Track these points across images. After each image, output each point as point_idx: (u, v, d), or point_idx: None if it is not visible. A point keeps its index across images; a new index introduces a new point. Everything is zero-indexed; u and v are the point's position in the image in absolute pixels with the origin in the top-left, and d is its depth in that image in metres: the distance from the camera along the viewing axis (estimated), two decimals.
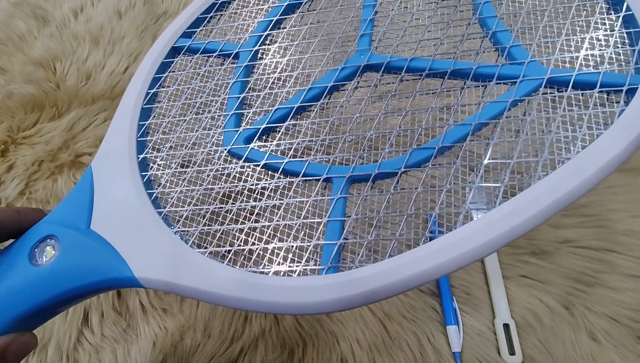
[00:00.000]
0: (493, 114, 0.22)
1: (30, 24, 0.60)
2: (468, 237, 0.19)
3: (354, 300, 0.19)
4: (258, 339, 0.35)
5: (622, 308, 0.34)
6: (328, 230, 0.21)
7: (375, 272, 0.19)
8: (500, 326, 0.34)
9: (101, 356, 0.36)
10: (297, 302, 0.19)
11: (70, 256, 0.23)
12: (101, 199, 0.25)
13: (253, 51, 0.29)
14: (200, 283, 0.21)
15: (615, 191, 0.39)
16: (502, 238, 0.18)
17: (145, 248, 0.23)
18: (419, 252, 0.19)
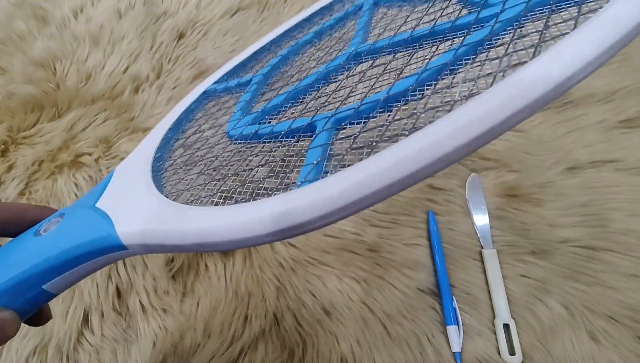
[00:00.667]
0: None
1: (31, 24, 0.60)
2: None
3: (332, 204, 0.17)
4: (258, 339, 0.35)
5: (621, 308, 0.34)
6: (308, 157, 0.21)
7: (359, 170, 0.17)
8: (500, 326, 0.34)
9: (101, 356, 0.35)
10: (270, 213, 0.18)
11: (68, 226, 0.23)
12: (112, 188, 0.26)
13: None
14: (185, 224, 0.20)
15: (614, 191, 0.39)
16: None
17: (134, 210, 0.23)
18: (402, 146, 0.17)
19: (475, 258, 0.38)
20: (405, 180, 0.16)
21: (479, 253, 0.38)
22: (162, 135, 0.31)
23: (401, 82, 0.21)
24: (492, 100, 0.15)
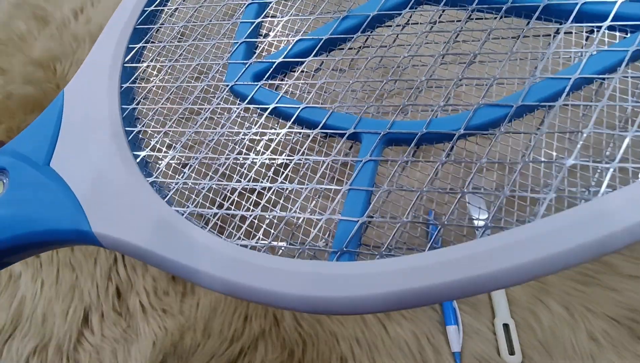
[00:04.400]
0: (602, 67, 0.16)
1: (31, 25, 0.61)
2: (552, 236, 0.13)
3: (371, 303, 0.14)
4: (258, 339, 0.35)
5: (621, 309, 0.34)
6: (348, 202, 0.16)
7: (408, 267, 0.14)
8: (500, 326, 0.34)
9: (101, 356, 0.36)
10: (293, 294, 0.14)
11: (19, 197, 0.19)
12: (68, 133, 0.21)
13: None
14: (172, 252, 0.16)
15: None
16: (604, 244, 0.13)
17: (111, 198, 0.18)
18: (475, 248, 0.13)
19: None
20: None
21: None
22: (128, 35, 0.23)
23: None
24: None
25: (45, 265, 0.39)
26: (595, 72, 0.16)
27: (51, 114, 0.21)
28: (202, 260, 0.16)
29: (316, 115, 0.18)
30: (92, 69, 0.23)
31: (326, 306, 0.14)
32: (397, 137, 0.17)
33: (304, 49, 0.20)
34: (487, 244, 0.13)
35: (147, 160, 0.20)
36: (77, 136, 0.21)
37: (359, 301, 0.14)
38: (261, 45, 0.22)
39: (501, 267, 0.13)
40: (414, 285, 0.13)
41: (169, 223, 0.17)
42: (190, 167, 0.19)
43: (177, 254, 0.16)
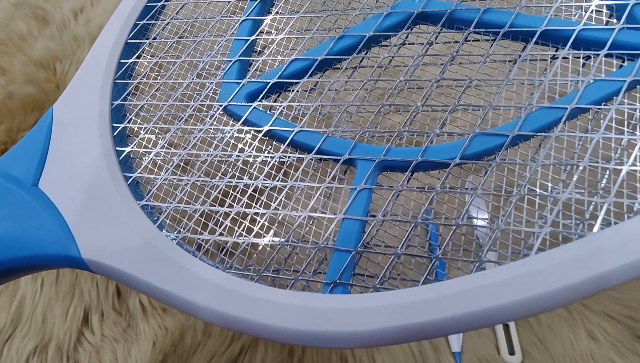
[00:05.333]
0: (599, 97, 0.16)
1: (31, 25, 0.61)
2: (547, 273, 0.13)
3: (366, 339, 0.14)
4: (258, 339, 0.35)
5: (620, 307, 0.34)
6: (342, 232, 0.16)
7: (404, 302, 0.14)
8: (500, 325, 0.34)
9: (101, 356, 0.36)
10: (285, 328, 0.14)
11: (4, 219, 0.18)
12: (57, 152, 0.20)
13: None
14: (163, 282, 0.16)
15: None
16: (598, 283, 0.13)
17: (101, 222, 0.18)
18: (469, 283, 0.13)
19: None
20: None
21: None
22: (119, 50, 0.23)
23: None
24: None
25: None
26: (592, 102, 0.16)
27: (40, 132, 0.21)
28: (191, 289, 0.15)
29: (310, 139, 0.18)
30: (82, 85, 0.22)
31: (317, 340, 0.14)
32: (392, 164, 0.17)
33: (299, 69, 0.20)
34: (481, 280, 0.13)
35: (139, 181, 0.20)
36: (67, 156, 0.20)
37: (351, 337, 0.14)
38: (255, 63, 0.21)
39: (494, 304, 0.13)
40: (406, 322, 0.13)
41: (159, 250, 0.17)
42: (182, 190, 0.19)
43: (167, 283, 0.16)
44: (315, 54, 0.20)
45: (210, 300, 0.15)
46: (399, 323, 0.13)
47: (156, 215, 0.18)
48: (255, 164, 0.19)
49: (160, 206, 0.18)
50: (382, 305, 0.14)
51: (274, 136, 0.19)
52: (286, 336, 0.14)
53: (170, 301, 0.16)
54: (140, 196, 0.19)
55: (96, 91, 0.22)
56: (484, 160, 0.16)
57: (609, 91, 0.16)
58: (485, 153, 0.16)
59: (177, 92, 0.21)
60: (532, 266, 0.13)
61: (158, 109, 0.21)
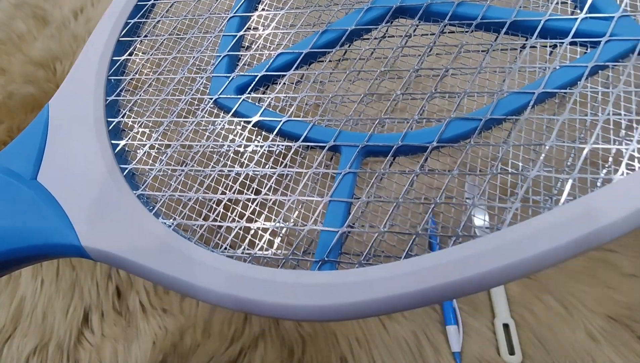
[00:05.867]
0: (564, 82, 0.17)
1: (30, 25, 0.61)
2: (517, 243, 0.14)
3: (351, 311, 0.15)
4: (258, 339, 0.35)
5: (620, 307, 0.34)
6: (329, 213, 0.17)
7: (387, 276, 0.15)
8: (500, 326, 0.34)
9: (101, 355, 0.36)
10: (277, 303, 0.15)
11: (6, 212, 0.19)
12: (54, 147, 0.21)
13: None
14: (161, 265, 0.17)
15: None
16: (563, 251, 0.14)
17: (99, 211, 0.19)
18: (447, 256, 0.14)
19: None
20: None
21: None
22: (111, 47, 0.23)
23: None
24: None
25: (46, 264, 0.39)
26: (558, 86, 0.17)
27: (37, 128, 0.21)
28: (189, 271, 0.16)
29: (297, 128, 0.19)
30: (76, 82, 0.23)
31: (308, 314, 0.15)
32: (375, 149, 0.18)
33: (285, 62, 0.21)
34: (457, 252, 0.14)
35: (134, 173, 0.20)
36: (64, 150, 0.21)
37: (339, 309, 0.14)
38: (244, 58, 0.22)
39: (468, 275, 0.14)
40: (389, 293, 0.14)
41: (156, 236, 0.18)
42: (176, 179, 0.20)
43: (164, 266, 0.17)
44: (300, 48, 0.21)
45: (208, 281, 0.16)
46: (382, 295, 0.14)
47: (152, 204, 0.19)
48: (246, 153, 0.20)
49: (155, 195, 0.19)
50: (367, 279, 0.15)
51: (263, 126, 0.20)
52: (279, 311, 0.15)
53: (169, 284, 0.17)
54: (136, 186, 0.20)
55: (90, 88, 0.22)
56: (459, 143, 0.17)
57: (573, 76, 0.17)
58: (460, 136, 0.17)
59: (169, 87, 0.22)
60: (503, 238, 0.14)
61: (151, 104, 0.22)
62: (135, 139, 0.21)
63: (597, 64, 0.17)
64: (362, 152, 0.18)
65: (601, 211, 0.14)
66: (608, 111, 0.16)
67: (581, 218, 0.14)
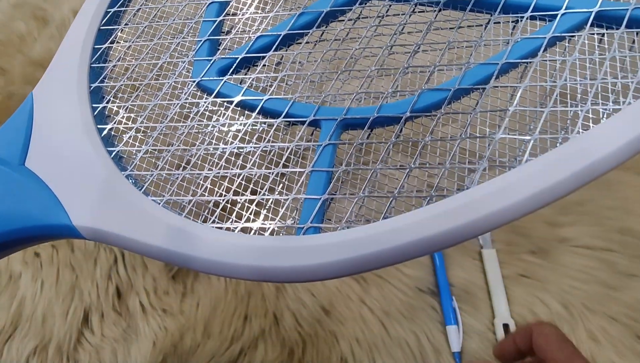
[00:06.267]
0: (525, 53, 0.18)
1: (30, 25, 0.60)
2: (484, 199, 0.15)
3: (337, 268, 0.16)
4: (258, 339, 0.35)
5: (620, 307, 0.34)
6: (311, 183, 0.18)
7: (366, 236, 0.16)
8: (500, 326, 0.34)
9: (101, 356, 0.36)
10: (267, 266, 0.16)
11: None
12: (41, 133, 0.21)
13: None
14: (153, 238, 0.18)
15: (613, 190, 0.39)
16: (526, 204, 0.15)
17: (89, 192, 0.19)
18: (421, 214, 0.15)
19: (475, 257, 0.37)
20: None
21: (478, 252, 0.37)
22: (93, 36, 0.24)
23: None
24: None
25: (46, 265, 0.39)
26: (519, 57, 0.18)
27: (22, 116, 0.22)
28: (183, 243, 0.17)
29: (279, 105, 0.20)
30: (60, 71, 0.23)
31: (295, 274, 0.16)
32: (353, 122, 0.19)
33: (265, 44, 0.22)
34: (430, 211, 0.15)
35: (121, 155, 0.21)
36: (50, 135, 0.21)
37: (323, 268, 0.15)
38: (224, 42, 0.23)
39: (441, 230, 0.15)
40: (368, 251, 0.15)
41: (147, 212, 0.18)
42: (163, 159, 0.20)
43: (157, 239, 0.17)
44: (278, 30, 0.22)
45: (203, 252, 0.17)
46: (362, 253, 0.15)
47: (141, 184, 0.20)
48: (230, 132, 0.20)
49: (144, 175, 0.20)
50: (347, 239, 0.16)
51: (246, 105, 0.21)
52: (267, 273, 0.16)
53: (158, 256, 0.17)
54: (124, 168, 0.20)
55: (73, 76, 0.23)
56: (431, 113, 0.18)
57: (533, 47, 0.18)
58: (432, 106, 0.18)
59: (152, 72, 0.22)
60: (471, 195, 0.15)
61: (135, 89, 0.22)
62: (121, 123, 0.22)
63: (554, 35, 0.18)
64: (341, 125, 0.19)
65: (559, 166, 0.15)
66: (565, 77, 0.17)
67: (540, 173, 0.15)
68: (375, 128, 0.19)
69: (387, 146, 0.18)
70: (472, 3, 0.20)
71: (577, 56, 0.18)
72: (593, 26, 0.18)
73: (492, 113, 0.18)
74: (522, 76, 0.18)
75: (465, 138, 0.17)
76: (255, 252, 0.16)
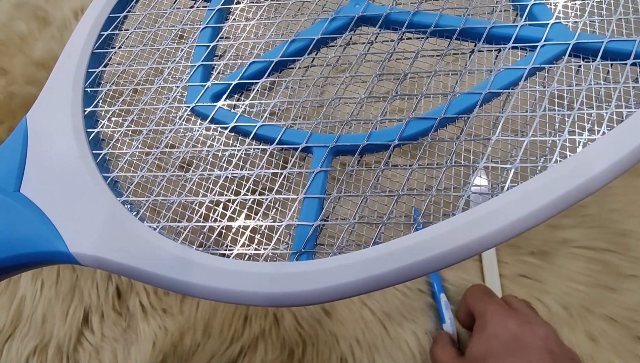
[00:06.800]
0: (507, 83, 0.19)
1: (31, 25, 0.60)
2: (469, 226, 0.16)
3: (329, 294, 0.16)
4: (258, 339, 0.36)
5: (620, 308, 0.35)
6: (304, 209, 0.18)
7: (357, 261, 0.16)
8: None
9: (101, 356, 0.36)
10: (261, 292, 0.16)
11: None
12: (35, 159, 0.21)
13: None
14: (149, 265, 0.18)
15: (613, 192, 0.39)
16: (507, 231, 0.16)
17: (85, 218, 0.19)
18: (410, 240, 0.16)
19: (475, 258, 0.38)
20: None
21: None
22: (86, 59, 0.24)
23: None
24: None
25: (46, 267, 0.39)
26: (502, 86, 0.19)
27: (16, 141, 0.22)
28: (179, 270, 0.17)
29: (272, 132, 0.20)
30: (53, 95, 0.23)
31: (289, 300, 0.16)
32: (343, 149, 0.19)
33: (258, 70, 0.22)
34: (418, 237, 0.16)
35: (117, 180, 0.21)
36: (45, 161, 0.21)
37: (316, 293, 0.16)
38: (217, 67, 0.23)
39: (429, 255, 0.16)
40: (360, 276, 0.16)
41: (143, 238, 0.19)
42: (158, 184, 0.21)
43: (153, 266, 0.18)
44: (271, 56, 0.22)
45: (199, 278, 0.17)
46: (353, 278, 0.16)
47: (136, 209, 0.20)
48: (224, 157, 0.21)
49: (139, 201, 0.20)
50: (339, 265, 0.16)
51: (239, 131, 0.21)
52: (263, 299, 0.17)
53: (156, 282, 0.18)
54: (119, 193, 0.21)
55: (67, 100, 0.23)
56: (418, 140, 0.19)
57: (514, 77, 0.19)
58: (419, 134, 0.19)
59: (147, 96, 0.23)
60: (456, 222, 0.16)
61: (129, 113, 0.23)
62: (116, 148, 0.22)
63: (534, 66, 0.19)
64: (332, 152, 0.19)
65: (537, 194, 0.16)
66: (544, 107, 0.18)
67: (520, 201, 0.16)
68: (365, 154, 0.19)
69: (377, 173, 0.18)
70: (458, 32, 0.20)
71: (556, 86, 0.18)
72: (571, 57, 0.19)
73: (476, 141, 0.18)
74: (504, 105, 0.19)
75: (450, 165, 0.18)
76: (251, 278, 0.17)
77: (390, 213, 0.17)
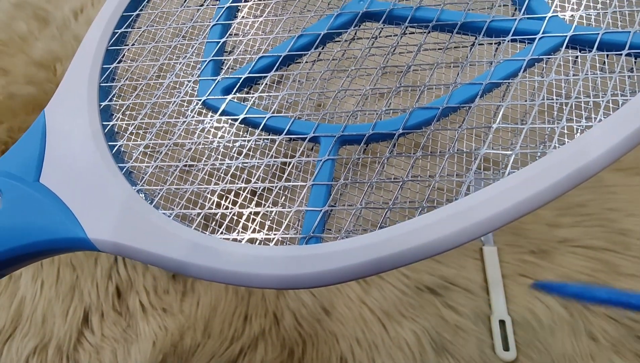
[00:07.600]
0: (506, 73, 0.20)
1: (31, 25, 0.60)
2: (471, 210, 0.16)
3: (337, 275, 0.17)
4: (258, 339, 0.36)
5: (621, 308, 0.35)
6: (312, 196, 0.19)
7: (364, 245, 0.17)
8: (496, 322, 0.35)
9: (101, 356, 0.37)
10: (272, 274, 0.17)
11: (14, 212, 0.20)
12: (54, 150, 0.22)
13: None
14: (164, 250, 0.19)
15: (612, 191, 0.39)
16: (507, 214, 0.16)
17: (102, 206, 0.20)
18: (414, 224, 0.17)
19: (476, 257, 0.38)
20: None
21: (478, 250, 0.38)
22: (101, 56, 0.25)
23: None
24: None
25: (46, 265, 0.39)
26: (502, 77, 0.20)
27: (35, 134, 0.23)
28: (193, 254, 0.18)
29: (281, 123, 0.21)
30: (70, 90, 0.24)
31: (299, 281, 0.17)
32: (350, 138, 0.20)
33: (266, 64, 0.23)
34: (422, 221, 0.17)
35: (131, 170, 0.22)
36: (63, 152, 0.22)
37: (325, 275, 0.17)
38: (227, 62, 0.24)
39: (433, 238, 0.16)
40: (367, 258, 0.16)
41: (158, 225, 0.19)
42: (171, 174, 0.21)
43: (169, 251, 0.18)
44: (279, 51, 0.23)
45: (212, 262, 0.18)
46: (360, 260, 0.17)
47: (151, 198, 0.21)
48: (235, 147, 0.22)
49: (153, 190, 0.21)
50: (347, 248, 0.17)
51: (249, 123, 0.22)
52: (272, 281, 0.17)
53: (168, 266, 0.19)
54: (134, 182, 0.21)
55: (84, 95, 0.24)
56: (422, 129, 0.20)
57: (514, 68, 0.20)
58: (422, 123, 0.20)
59: (159, 91, 0.24)
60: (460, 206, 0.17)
61: (143, 107, 0.23)
62: (131, 140, 0.23)
63: (532, 57, 0.20)
64: (339, 141, 0.20)
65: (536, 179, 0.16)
66: (543, 96, 0.19)
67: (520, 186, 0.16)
68: (371, 143, 0.20)
69: (382, 160, 0.19)
70: (459, 26, 0.21)
71: (554, 77, 0.19)
72: (568, 48, 0.20)
73: (477, 129, 0.19)
74: (504, 94, 0.20)
75: (453, 152, 0.18)
76: (263, 261, 0.17)
77: (396, 199, 0.18)
